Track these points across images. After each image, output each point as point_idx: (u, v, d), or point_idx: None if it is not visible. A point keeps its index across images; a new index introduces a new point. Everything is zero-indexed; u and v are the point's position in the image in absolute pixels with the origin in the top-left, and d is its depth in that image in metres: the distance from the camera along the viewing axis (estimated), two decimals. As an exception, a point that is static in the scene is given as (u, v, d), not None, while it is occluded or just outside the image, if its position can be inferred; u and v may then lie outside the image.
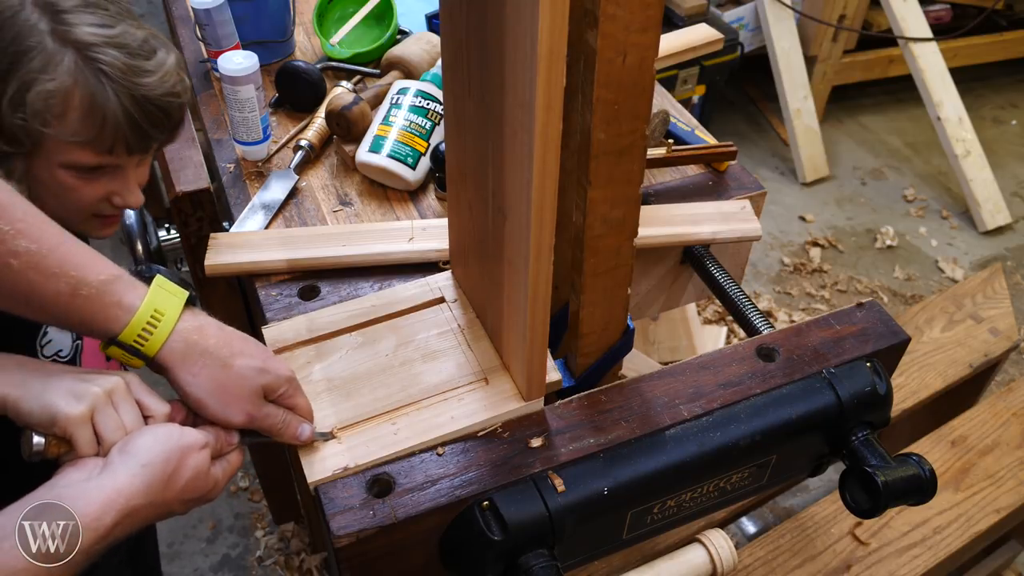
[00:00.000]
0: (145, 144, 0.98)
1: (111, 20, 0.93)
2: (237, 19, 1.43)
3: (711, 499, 0.99)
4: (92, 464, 0.73)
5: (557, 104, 0.68)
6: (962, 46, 3.44)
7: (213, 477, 0.79)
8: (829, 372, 0.97)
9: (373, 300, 1.06)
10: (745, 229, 1.25)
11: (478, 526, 0.83)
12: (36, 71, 0.87)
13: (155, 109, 0.95)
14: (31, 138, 0.89)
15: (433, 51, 1.50)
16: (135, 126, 0.94)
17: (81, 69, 0.89)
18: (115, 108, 0.91)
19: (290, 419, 0.85)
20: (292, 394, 0.86)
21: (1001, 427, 1.47)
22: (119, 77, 0.91)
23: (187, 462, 0.75)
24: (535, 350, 0.87)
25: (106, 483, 0.70)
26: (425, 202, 1.30)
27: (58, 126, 0.89)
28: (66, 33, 0.89)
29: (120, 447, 0.73)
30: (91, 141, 0.92)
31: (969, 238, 3.10)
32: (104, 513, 0.68)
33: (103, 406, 0.74)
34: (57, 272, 0.73)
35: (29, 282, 0.72)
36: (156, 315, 0.77)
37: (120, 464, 0.72)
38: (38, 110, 0.88)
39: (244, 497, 2.24)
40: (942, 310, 1.69)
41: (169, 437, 0.75)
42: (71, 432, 0.72)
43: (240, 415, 0.81)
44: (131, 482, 0.71)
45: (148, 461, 0.72)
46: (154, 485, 0.72)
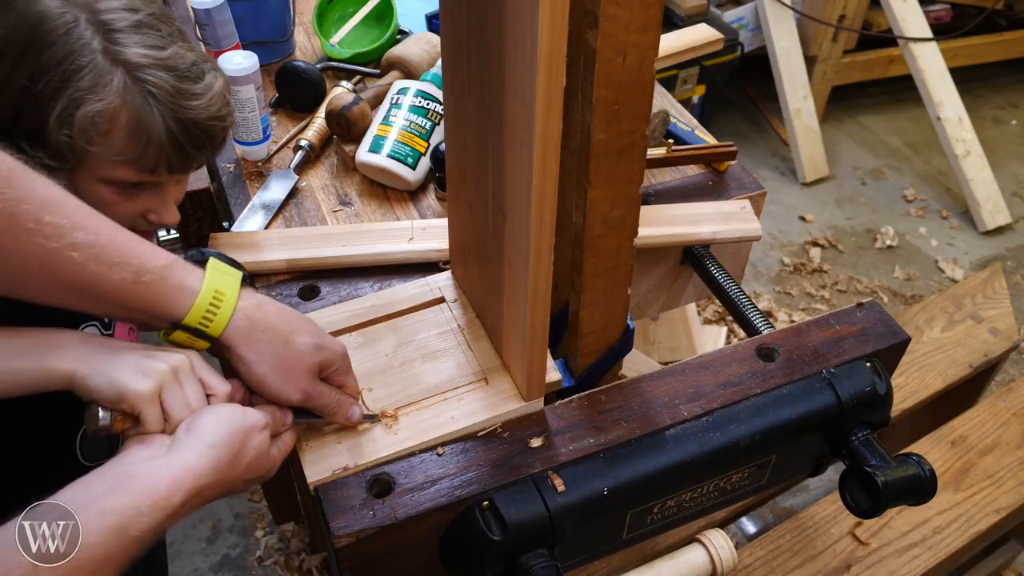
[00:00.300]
0: (187, 165, 0.98)
1: (162, 42, 0.93)
2: (237, 19, 1.43)
3: (711, 499, 0.99)
4: (159, 441, 0.74)
5: (557, 104, 0.68)
6: (962, 46, 3.44)
7: (272, 456, 0.80)
8: (829, 372, 0.97)
9: (373, 300, 1.06)
10: (745, 229, 1.25)
11: (478, 526, 0.83)
12: (85, 90, 0.87)
13: (199, 132, 0.96)
14: (75, 155, 0.89)
15: (433, 51, 1.50)
16: (178, 147, 0.94)
17: (129, 89, 0.90)
18: (160, 130, 0.91)
19: (342, 399, 0.87)
20: (344, 371, 0.88)
21: (1001, 427, 1.47)
22: (166, 99, 0.91)
23: (250, 442, 0.76)
24: (535, 350, 0.87)
25: (175, 462, 0.71)
26: (425, 202, 1.30)
27: (103, 144, 0.89)
28: (117, 53, 0.89)
29: (187, 426, 0.74)
30: (134, 160, 0.92)
31: (969, 238, 3.10)
32: (173, 492, 0.69)
33: (170, 383, 0.76)
34: (118, 261, 0.74)
35: (92, 273, 0.73)
36: (218, 295, 0.79)
37: (188, 443, 0.73)
38: (84, 128, 0.88)
39: (244, 497, 2.24)
40: (942, 310, 1.69)
41: (233, 417, 0.76)
42: (140, 409, 0.74)
43: (297, 392, 0.82)
44: (199, 462, 0.72)
45: (215, 441, 0.73)
46: (221, 465, 0.73)
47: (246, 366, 0.81)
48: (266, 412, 0.81)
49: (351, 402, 0.88)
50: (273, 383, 0.81)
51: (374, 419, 0.91)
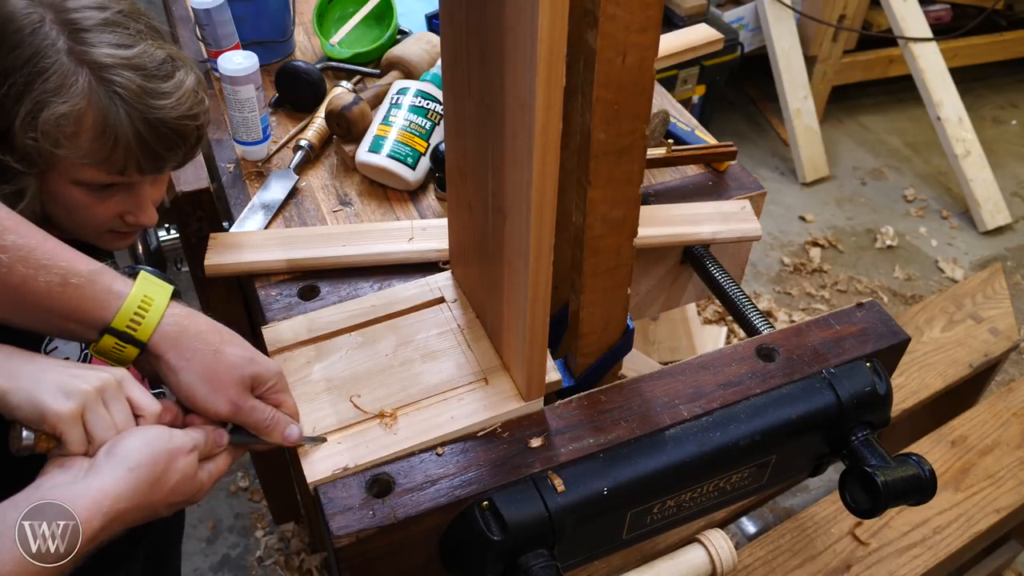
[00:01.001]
0: (158, 166, 0.97)
1: (131, 40, 0.92)
2: (237, 19, 1.43)
3: (711, 499, 0.99)
4: (79, 464, 0.72)
5: (557, 104, 0.68)
6: (962, 46, 3.44)
7: (199, 480, 0.78)
8: (829, 372, 0.97)
9: (373, 300, 1.06)
10: (745, 229, 1.25)
11: (478, 526, 0.83)
12: (50, 92, 0.86)
13: (169, 132, 0.94)
14: (43, 158, 0.89)
15: (433, 51, 1.50)
16: (147, 148, 0.93)
17: (95, 91, 0.88)
18: (127, 130, 0.90)
19: (278, 417, 0.84)
20: (280, 390, 0.86)
21: (1001, 427, 1.47)
22: (133, 99, 0.90)
23: (175, 465, 0.74)
24: (535, 350, 0.87)
25: (92, 485, 0.69)
26: (425, 202, 1.30)
27: (69, 147, 0.89)
28: (83, 53, 0.88)
29: (108, 448, 0.72)
30: (103, 162, 0.91)
31: (969, 238, 3.10)
32: (92, 516, 0.67)
33: (94, 404, 0.73)
34: (47, 264, 0.73)
35: (20, 276, 0.72)
36: (146, 300, 0.78)
37: (107, 466, 0.71)
38: (49, 132, 0.87)
39: (244, 497, 2.24)
40: (942, 310, 1.69)
41: (157, 439, 0.74)
42: (62, 430, 0.71)
43: (227, 405, 0.80)
44: (117, 485, 0.70)
45: (136, 464, 0.71)
46: (141, 488, 0.71)
47: (174, 375, 0.79)
48: (198, 433, 0.79)
49: (288, 421, 0.85)
50: (201, 392, 0.79)
51: (317, 440, 0.88)
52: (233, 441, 0.83)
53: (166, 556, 1.42)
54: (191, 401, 0.80)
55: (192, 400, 0.80)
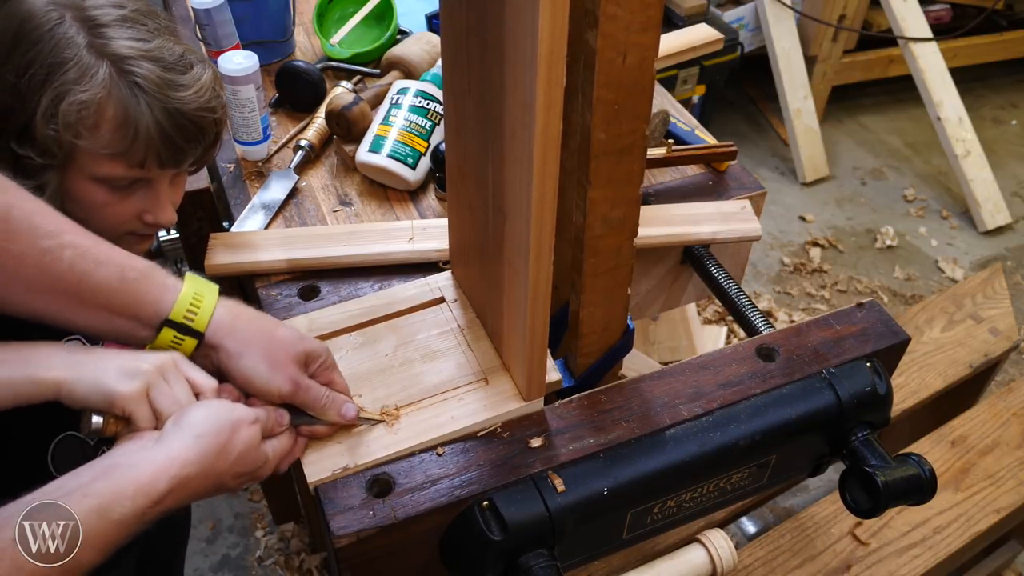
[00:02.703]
0: (177, 159, 0.97)
1: (148, 35, 0.94)
2: (237, 19, 1.43)
3: (711, 499, 0.99)
4: (148, 436, 0.75)
5: (557, 104, 0.68)
6: (962, 46, 3.44)
7: (263, 453, 0.81)
8: (829, 372, 0.97)
9: (373, 300, 1.06)
10: (745, 229, 1.25)
11: (478, 526, 0.83)
12: (71, 82, 0.88)
13: (188, 123, 0.95)
14: (63, 150, 0.90)
15: (433, 51, 1.50)
16: (167, 139, 0.94)
17: (115, 81, 0.90)
18: (148, 121, 0.91)
19: (334, 395, 0.87)
20: (330, 366, 0.89)
21: (1001, 427, 1.47)
22: (153, 90, 0.92)
23: (239, 435, 0.77)
24: (535, 350, 0.87)
25: (160, 452, 0.73)
26: (425, 202, 1.30)
27: (90, 138, 0.90)
28: (103, 47, 0.90)
29: (175, 420, 0.76)
30: (123, 153, 0.92)
31: (969, 238, 3.10)
32: (157, 479, 0.70)
33: (157, 382, 0.77)
34: (104, 260, 0.77)
35: (81, 271, 0.76)
36: (198, 294, 0.82)
37: (174, 435, 0.74)
38: (71, 122, 0.88)
39: (244, 497, 2.24)
40: (942, 310, 1.69)
41: (221, 410, 0.77)
42: (130, 410, 0.75)
43: (287, 383, 0.83)
44: (185, 452, 0.73)
45: (202, 432, 0.74)
46: (207, 456, 0.74)
47: (235, 360, 0.82)
48: (260, 408, 0.82)
49: (343, 399, 0.88)
50: (262, 375, 0.82)
51: (374, 420, 0.90)
52: (293, 422, 0.85)
53: (169, 563, 1.42)
54: (250, 385, 0.83)
55: (251, 383, 0.83)
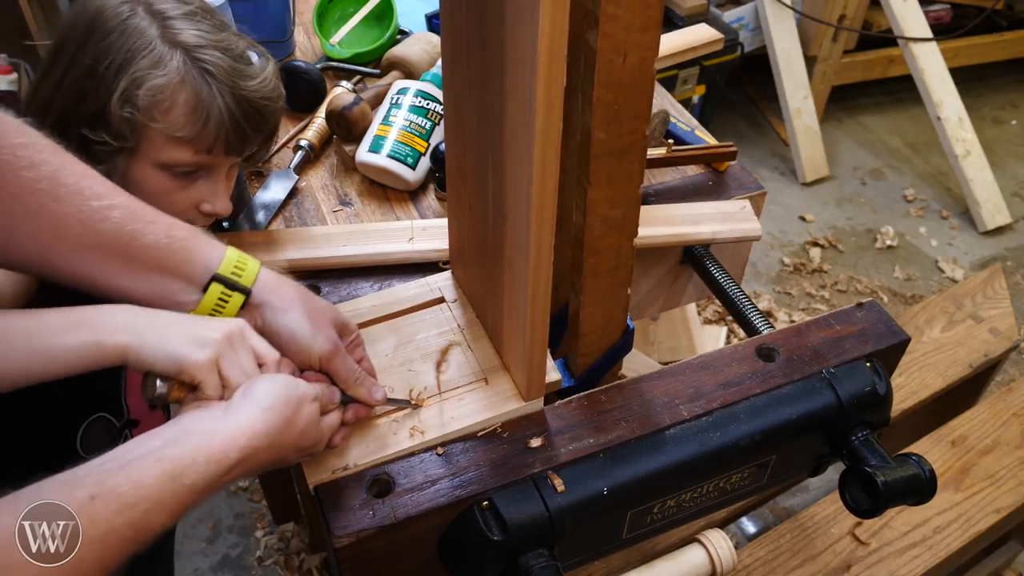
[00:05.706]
0: (242, 146, 1.02)
1: (213, 29, 0.99)
2: (237, 19, 1.42)
3: (711, 499, 0.99)
4: (216, 405, 0.76)
5: (557, 104, 0.68)
6: (962, 46, 3.44)
7: (321, 429, 0.82)
8: (829, 372, 0.97)
9: (373, 300, 1.06)
10: (745, 229, 1.25)
11: (478, 526, 0.83)
12: (146, 68, 0.93)
13: (254, 111, 1.00)
14: (136, 133, 0.94)
15: (433, 51, 1.50)
16: (236, 125, 0.98)
17: (189, 68, 0.95)
18: (219, 106, 0.96)
19: (364, 374, 0.88)
20: (360, 343, 0.91)
21: (1001, 427, 1.47)
22: (223, 77, 0.96)
23: (303, 410, 0.78)
24: (535, 350, 0.87)
25: (230, 422, 0.73)
26: (425, 202, 1.30)
27: (164, 121, 0.94)
28: (174, 36, 0.95)
29: (243, 391, 0.76)
30: (194, 138, 0.96)
31: (969, 238, 3.10)
32: (228, 448, 0.71)
33: (226, 351, 0.77)
34: (153, 220, 0.79)
35: (131, 232, 0.77)
36: (242, 256, 0.84)
37: (244, 406, 0.74)
38: (146, 105, 0.93)
39: (244, 497, 2.24)
40: (942, 310, 1.69)
41: (287, 384, 0.78)
42: (201, 378, 0.76)
43: (328, 343, 0.84)
44: (254, 423, 0.73)
45: (270, 404, 0.75)
46: (274, 428, 0.74)
47: (279, 315, 0.83)
48: (318, 384, 0.83)
49: (373, 380, 0.89)
50: (305, 332, 0.83)
51: (404, 403, 0.91)
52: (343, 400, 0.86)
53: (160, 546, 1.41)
54: (293, 341, 0.83)
55: (294, 339, 0.83)
